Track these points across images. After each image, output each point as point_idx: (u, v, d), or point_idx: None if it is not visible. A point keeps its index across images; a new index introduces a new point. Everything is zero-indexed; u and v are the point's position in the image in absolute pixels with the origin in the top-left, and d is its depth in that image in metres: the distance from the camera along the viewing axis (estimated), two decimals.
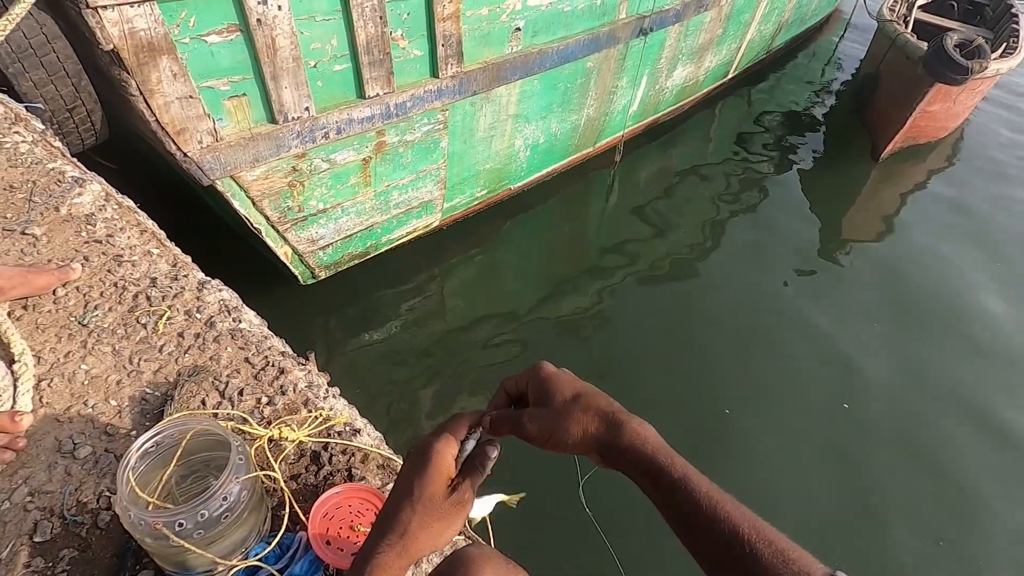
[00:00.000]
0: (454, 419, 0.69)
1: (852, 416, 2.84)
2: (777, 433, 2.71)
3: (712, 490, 0.58)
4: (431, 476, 0.63)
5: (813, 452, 2.68)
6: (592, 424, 0.64)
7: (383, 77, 2.17)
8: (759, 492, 2.47)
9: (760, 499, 2.40)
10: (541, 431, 0.65)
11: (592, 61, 3.24)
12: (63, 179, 1.66)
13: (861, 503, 2.51)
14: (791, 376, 2.99)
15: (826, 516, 2.45)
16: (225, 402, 1.15)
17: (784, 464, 2.60)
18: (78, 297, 1.33)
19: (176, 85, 1.69)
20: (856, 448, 2.72)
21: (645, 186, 4.39)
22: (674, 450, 0.62)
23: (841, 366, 3.07)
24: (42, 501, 0.96)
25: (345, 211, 2.55)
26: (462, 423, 0.69)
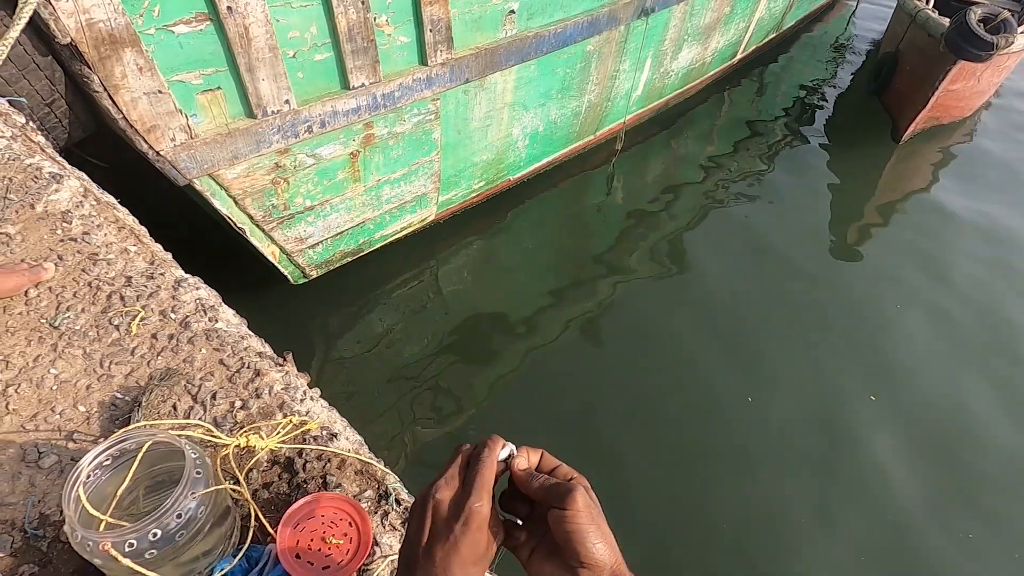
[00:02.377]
0: (483, 467, 0.61)
1: (880, 405, 2.75)
2: (800, 423, 2.64)
3: None
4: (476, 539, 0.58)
5: (836, 441, 2.61)
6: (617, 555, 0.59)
7: (368, 66, 2.10)
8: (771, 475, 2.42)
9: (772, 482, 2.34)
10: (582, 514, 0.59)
11: (592, 44, 3.15)
12: (40, 175, 1.61)
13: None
14: (810, 364, 2.91)
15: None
16: (197, 406, 1.11)
17: (810, 450, 2.54)
18: (50, 298, 1.29)
19: (143, 80, 1.62)
20: (891, 440, 2.62)
21: (649, 175, 4.29)
22: None
23: (864, 355, 2.98)
24: (3, 514, 0.93)
25: (334, 208, 2.48)
26: (490, 470, 0.62)
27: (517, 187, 3.67)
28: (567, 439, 2.48)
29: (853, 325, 3.15)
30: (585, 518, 0.58)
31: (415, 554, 0.59)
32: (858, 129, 5.09)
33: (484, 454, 0.61)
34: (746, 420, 2.62)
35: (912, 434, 2.66)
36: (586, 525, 0.58)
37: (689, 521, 2.29)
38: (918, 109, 4.63)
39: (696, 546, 2.23)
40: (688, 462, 2.45)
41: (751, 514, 2.32)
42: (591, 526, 0.58)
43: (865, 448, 2.59)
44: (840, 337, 3.07)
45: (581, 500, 0.59)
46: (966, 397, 2.84)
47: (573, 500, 0.59)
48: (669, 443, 2.50)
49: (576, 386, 2.72)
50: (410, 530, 0.61)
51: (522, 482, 0.65)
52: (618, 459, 2.43)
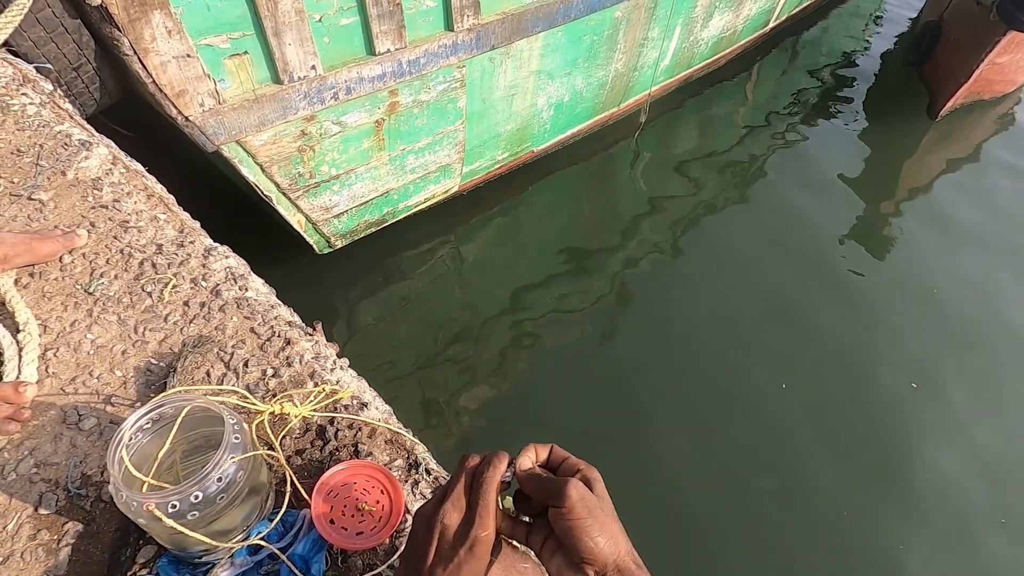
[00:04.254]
0: (485, 491, 0.62)
1: (923, 396, 2.66)
2: (830, 408, 2.58)
3: None
4: (481, 562, 0.60)
5: (870, 427, 2.54)
6: (623, 547, 0.59)
7: (394, 31, 2.06)
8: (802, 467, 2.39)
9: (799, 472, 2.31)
10: (578, 509, 0.58)
11: (621, 10, 3.05)
12: (70, 142, 1.62)
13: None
14: (841, 348, 2.83)
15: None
16: (230, 374, 1.12)
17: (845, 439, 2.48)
18: (84, 264, 1.31)
19: (172, 43, 1.61)
20: (922, 434, 2.54)
21: (674, 149, 4.19)
22: None
23: (895, 338, 2.90)
24: (47, 473, 0.95)
25: (359, 177, 2.47)
26: (492, 494, 0.62)
27: (540, 160, 3.62)
28: (588, 418, 2.48)
29: (890, 309, 3.05)
30: (580, 512, 0.58)
31: (418, 572, 0.60)
32: (894, 103, 4.90)
33: (488, 474, 0.62)
34: (779, 407, 2.56)
35: (962, 426, 2.57)
36: (582, 520, 0.58)
37: (722, 513, 2.25)
38: (960, 82, 4.42)
39: (734, 542, 2.19)
40: (719, 448, 2.41)
41: (786, 507, 2.27)
42: (588, 520, 0.58)
43: (914, 445, 2.49)
44: (876, 321, 2.99)
45: (575, 495, 0.58)
46: (1007, 387, 2.76)
47: (567, 496, 0.58)
48: (697, 425, 2.48)
49: (597, 362, 2.71)
50: (414, 547, 0.62)
51: (524, 484, 0.65)
52: (641, 440, 2.43)
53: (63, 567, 0.85)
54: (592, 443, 2.39)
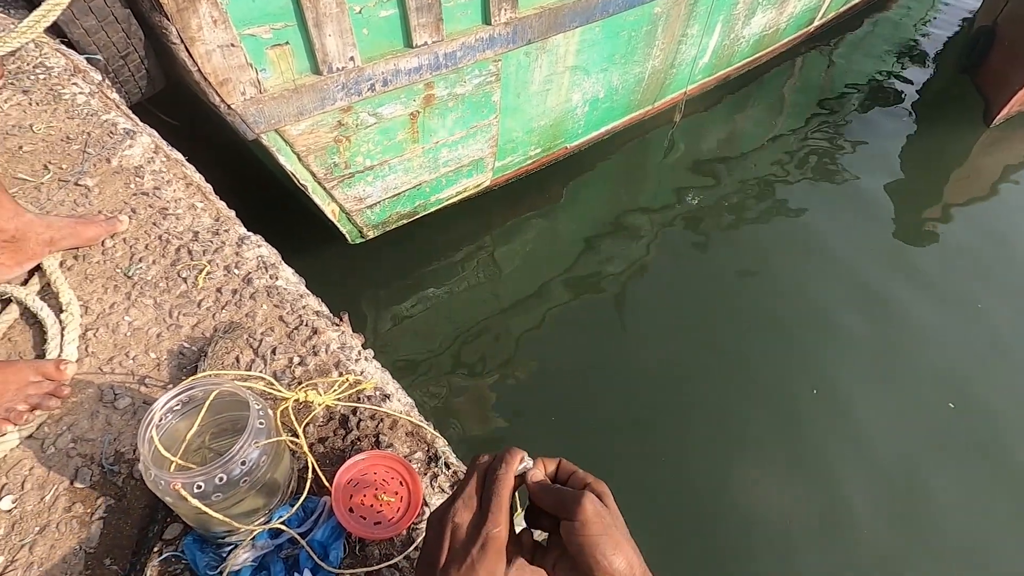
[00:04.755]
0: (508, 473, 0.61)
1: (960, 414, 2.54)
2: (861, 417, 2.50)
3: None
4: (500, 567, 0.58)
5: (902, 442, 2.44)
6: (637, 566, 0.57)
7: (432, 24, 2.07)
8: (829, 472, 2.33)
9: (827, 481, 2.24)
10: (591, 525, 0.57)
11: (660, 6, 3.00)
12: (116, 131, 1.68)
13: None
14: (875, 357, 2.74)
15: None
16: (258, 360, 1.15)
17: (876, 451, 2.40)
18: (125, 249, 1.35)
19: (217, 32, 1.65)
20: (967, 451, 2.43)
21: (709, 150, 4.10)
22: None
23: (934, 350, 2.79)
24: (83, 448, 0.99)
25: (392, 168, 2.49)
26: (503, 517, 0.61)
27: (572, 156, 3.59)
28: (612, 421, 2.45)
29: (928, 320, 2.93)
30: (595, 528, 0.56)
31: (432, 573, 0.59)
32: (944, 109, 4.68)
33: (501, 471, 0.61)
34: (826, 414, 2.49)
35: (1004, 451, 2.45)
36: (596, 536, 0.56)
37: (747, 524, 2.20)
38: (1015, 88, 4.23)
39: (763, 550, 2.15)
40: (747, 452, 2.36)
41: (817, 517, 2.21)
42: (602, 536, 0.56)
43: (948, 466, 2.39)
44: (912, 330, 2.88)
45: (590, 509, 0.57)
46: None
47: (581, 510, 0.57)
48: (725, 429, 2.43)
49: (622, 362, 2.68)
50: (427, 549, 0.61)
51: (535, 495, 0.63)
52: (666, 443, 2.39)
53: (95, 539, 0.89)
54: (614, 445, 2.37)
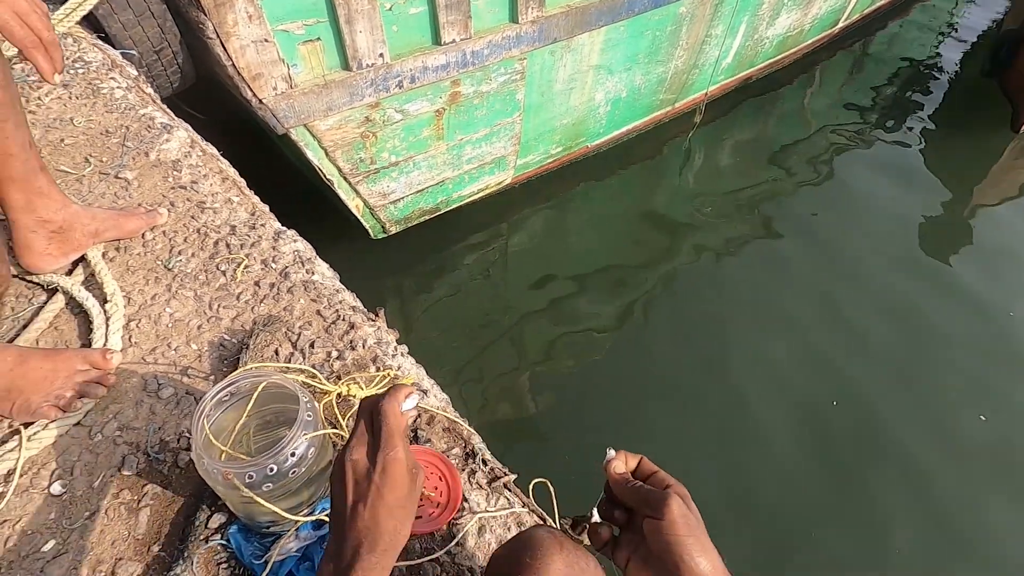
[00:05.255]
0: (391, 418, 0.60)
1: (990, 428, 2.47)
2: (887, 431, 2.44)
3: None
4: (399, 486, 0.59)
5: (926, 455, 2.38)
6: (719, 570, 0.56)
7: (460, 21, 2.08)
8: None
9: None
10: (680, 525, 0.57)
11: (686, 6, 2.99)
12: (153, 125, 1.70)
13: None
14: (899, 368, 2.68)
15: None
16: (297, 353, 1.17)
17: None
18: (164, 241, 1.38)
19: (252, 28, 1.68)
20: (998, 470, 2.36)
21: (729, 151, 4.08)
22: None
23: (961, 362, 2.72)
24: (129, 436, 1.01)
25: (417, 165, 2.51)
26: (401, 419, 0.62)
27: (592, 155, 3.59)
28: (640, 417, 2.45)
29: (955, 330, 2.85)
30: (682, 529, 0.56)
31: (343, 516, 0.59)
32: (971, 114, 4.59)
33: (385, 406, 0.61)
34: (831, 422, 2.45)
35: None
36: (684, 537, 0.56)
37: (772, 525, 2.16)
38: None
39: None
40: (771, 460, 2.34)
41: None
42: (689, 538, 0.56)
43: (976, 481, 2.32)
44: (938, 341, 2.81)
45: (677, 509, 0.57)
46: None
47: (669, 509, 0.57)
48: (748, 432, 2.41)
49: (646, 359, 2.68)
50: (334, 496, 0.62)
51: (617, 486, 0.64)
52: (690, 441, 2.38)
53: (142, 526, 0.91)
54: (652, 440, 2.36)
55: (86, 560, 0.86)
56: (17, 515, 0.90)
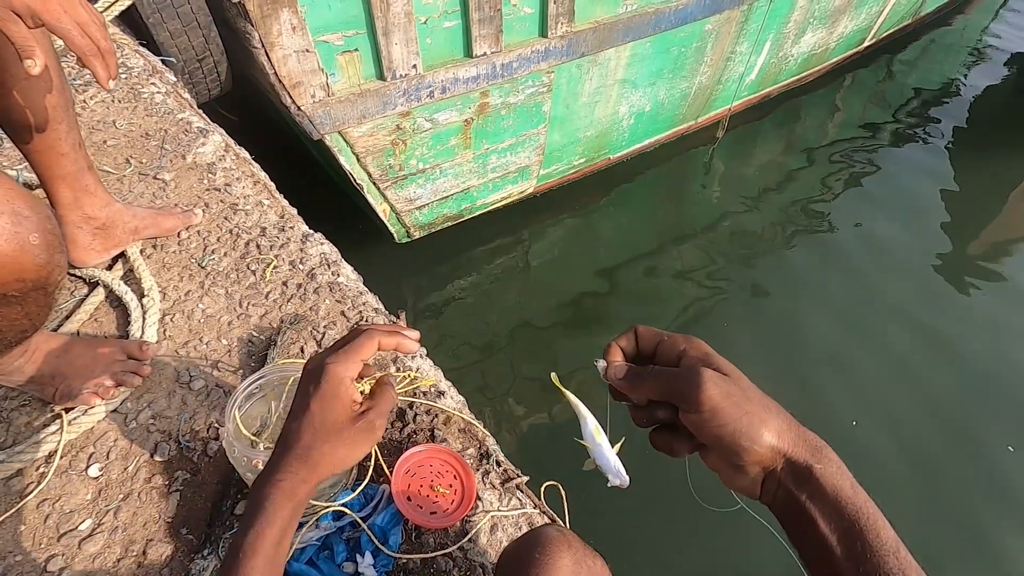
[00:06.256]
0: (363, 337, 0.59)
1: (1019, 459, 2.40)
2: (906, 453, 2.40)
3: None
4: (331, 403, 0.56)
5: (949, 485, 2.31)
6: (788, 433, 0.48)
7: (492, 35, 2.14)
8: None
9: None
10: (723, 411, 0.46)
11: (711, 23, 3.02)
12: (190, 129, 1.78)
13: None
14: (918, 389, 2.63)
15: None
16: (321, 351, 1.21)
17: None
18: (199, 241, 1.43)
19: (295, 38, 1.75)
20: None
21: (750, 166, 4.07)
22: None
23: (985, 386, 2.66)
24: (162, 425, 1.06)
25: (443, 172, 2.57)
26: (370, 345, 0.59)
27: (613, 167, 3.62)
28: None
29: (970, 354, 2.79)
30: (728, 413, 0.46)
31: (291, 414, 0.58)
32: (1000, 134, 4.51)
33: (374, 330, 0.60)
34: (860, 449, 2.40)
35: None
36: (733, 422, 0.46)
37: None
38: None
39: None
40: None
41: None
42: (740, 419, 0.46)
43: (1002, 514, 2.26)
44: (955, 363, 2.75)
45: (714, 391, 0.46)
46: None
47: (705, 396, 0.46)
48: None
49: None
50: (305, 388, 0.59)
51: (630, 391, 0.52)
52: None
53: (172, 509, 0.95)
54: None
55: (119, 539, 0.91)
56: (56, 494, 0.95)
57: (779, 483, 0.48)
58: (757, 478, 0.49)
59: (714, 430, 0.46)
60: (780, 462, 0.47)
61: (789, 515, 0.48)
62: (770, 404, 0.49)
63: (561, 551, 0.67)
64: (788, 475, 0.47)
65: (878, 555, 0.44)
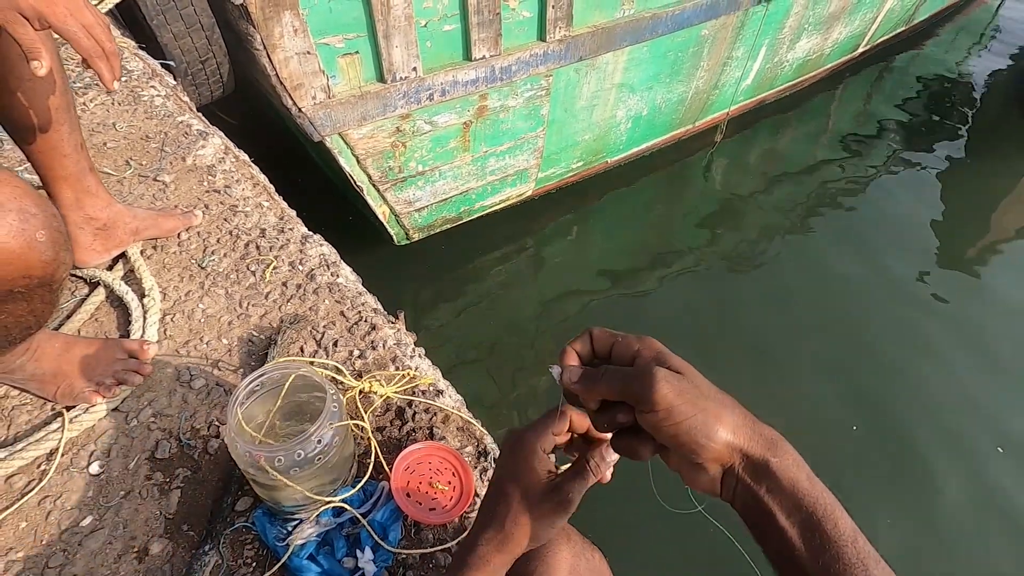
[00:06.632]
0: (558, 413, 0.58)
1: (1008, 458, 2.42)
2: (903, 459, 2.41)
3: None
4: (523, 472, 0.56)
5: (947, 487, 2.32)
6: (744, 429, 0.48)
7: (491, 39, 2.16)
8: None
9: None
10: (678, 409, 0.46)
11: (708, 28, 3.05)
12: (190, 132, 1.79)
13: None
14: (915, 396, 2.64)
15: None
16: (321, 351, 1.22)
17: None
18: (198, 242, 1.44)
19: (296, 41, 1.77)
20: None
21: (748, 170, 4.09)
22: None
23: (976, 392, 2.67)
24: (163, 423, 1.07)
25: (442, 175, 2.58)
26: (563, 421, 0.58)
27: (611, 170, 3.64)
28: None
29: (958, 359, 2.81)
30: (685, 410, 0.46)
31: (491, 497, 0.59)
32: (992, 140, 4.55)
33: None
34: (848, 448, 2.43)
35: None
36: (690, 420, 0.46)
37: None
38: None
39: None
40: None
41: None
42: (695, 416, 0.46)
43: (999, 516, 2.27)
44: (947, 369, 2.76)
45: (669, 390, 0.46)
46: None
47: (659, 395, 0.46)
48: None
49: None
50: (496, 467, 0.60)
51: (583, 394, 0.52)
52: None
53: (173, 506, 0.96)
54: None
55: (121, 536, 0.92)
56: (58, 491, 0.96)
57: (737, 479, 0.48)
58: (717, 476, 0.49)
59: (670, 428, 0.46)
60: (737, 458, 0.48)
61: (750, 511, 0.48)
62: (725, 400, 0.49)
63: (560, 544, 0.68)
64: (746, 470, 0.48)
65: (836, 545, 0.44)
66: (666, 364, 0.50)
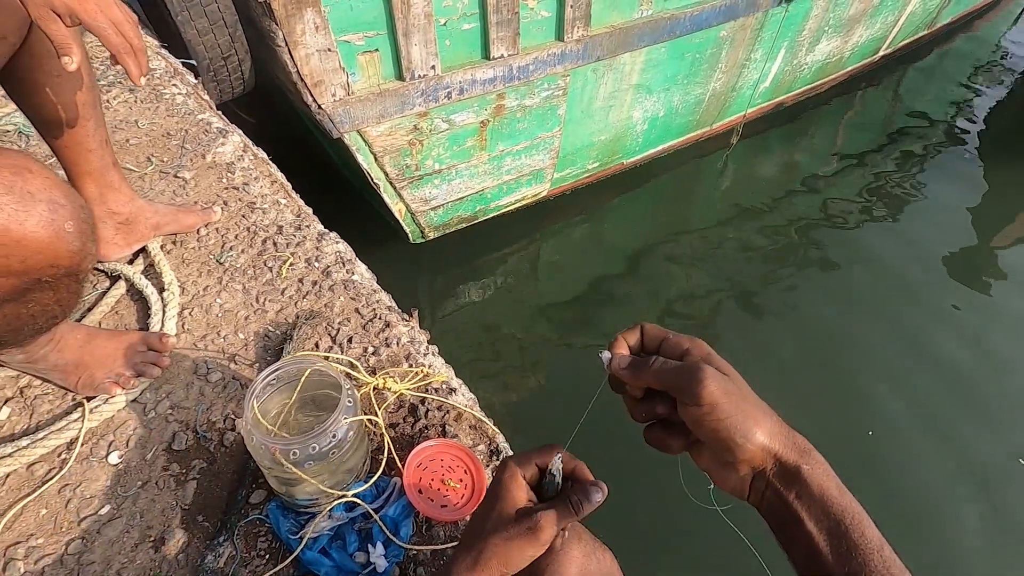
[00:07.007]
0: (546, 448, 0.59)
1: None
2: (918, 464, 2.38)
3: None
4: (500, 496, 0.57)
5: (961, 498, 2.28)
6: (779, 435, 0.49)
7: (509, 38, 2.16)
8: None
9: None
10: (721, 406, 0.47)
11: (727, 30, 3.02)
12: (210, 129, 1.81)
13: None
14: (928, 405, 2.59)
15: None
16: (335, 347, 1.23)
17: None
18: (217, 238, 1.46)
19: (317, 38, 1.79)
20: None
21: (764, 174, 4.05)
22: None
23: (993, 406, 2.62)
24: (180, 415, 1.08)
25: (459, 173, 2.59)
26: (550, 454, 0.58)
27: (627, 172, 3.62)
28: None
29: (979, 375, 2.74)
30: (727, 409, 0.48)
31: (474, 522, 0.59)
32: (1011, 148, 4.45)
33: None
34: (882, 460, 2.38)
35: None
36: (729, 418, 0.48)
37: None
38: None
39: None
40: None
41: None
42: (736, 416, 0.48)
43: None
44: (966, 383, 2.70)
45: (714, 388, 0.48)
46: None
47: (705, 391, 0.47)
48: None
49: None
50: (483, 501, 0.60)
51: (631, 381, 0.54)
52: None
53: (189, 497, 0.97)
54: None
55: (138, 525, 0.93)
56: (77, 480, 0.98)
57: (768, 483, 0.49)
58: (746, 478, 0.50)
59: (711, 424, 0.48)
60: (770, 462, 0.49)
61: (776, 515, 0.49)
62: (763, 406, 0.51)
63: (571, 543, 0.68)
64: (777, 475, 0.49)
65: (863, 553, 0.45)
66: (714, 365, 0.52)
